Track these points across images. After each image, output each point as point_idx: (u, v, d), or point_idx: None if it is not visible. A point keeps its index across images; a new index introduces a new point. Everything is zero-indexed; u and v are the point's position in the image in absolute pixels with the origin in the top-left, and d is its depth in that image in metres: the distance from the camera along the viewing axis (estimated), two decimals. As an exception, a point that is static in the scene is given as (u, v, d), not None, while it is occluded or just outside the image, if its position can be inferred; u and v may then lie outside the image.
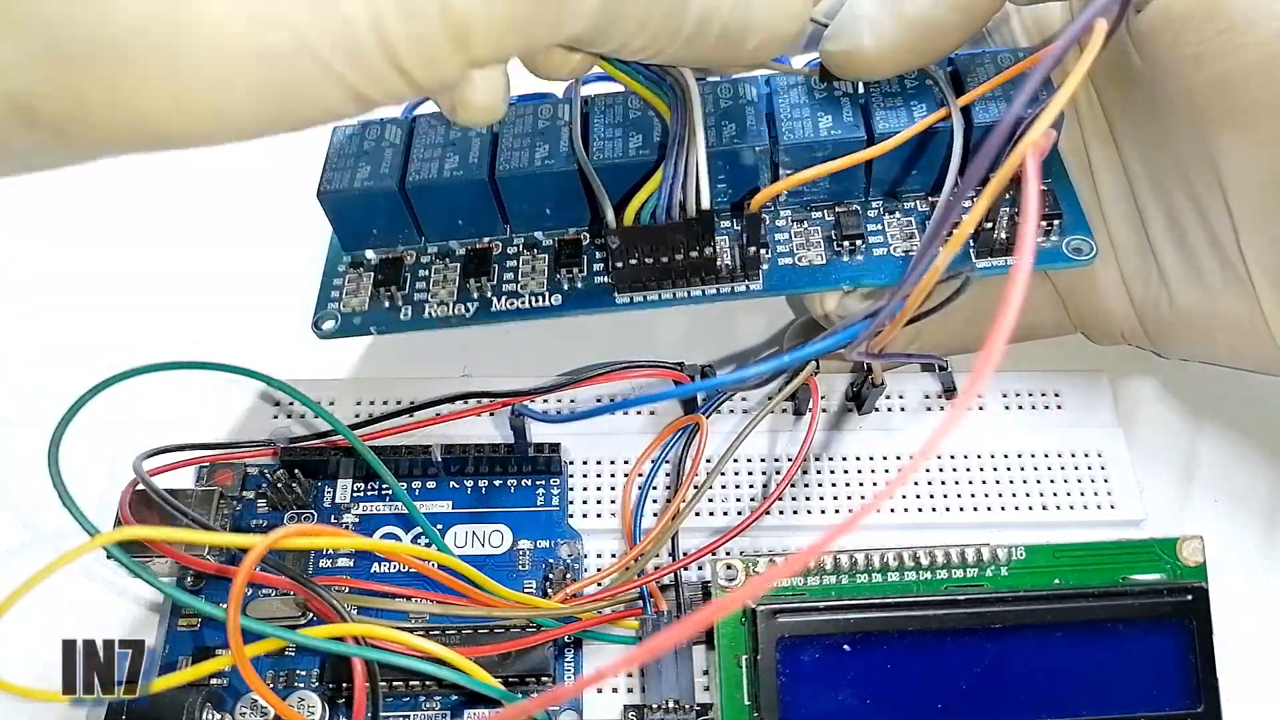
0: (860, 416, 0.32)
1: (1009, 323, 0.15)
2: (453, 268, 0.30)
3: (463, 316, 0.29)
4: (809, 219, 0.30)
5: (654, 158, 0.28)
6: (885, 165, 0.28)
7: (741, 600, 0.15)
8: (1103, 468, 0.31)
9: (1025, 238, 0.16)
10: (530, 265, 0.30)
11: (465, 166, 0.28)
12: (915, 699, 0.26)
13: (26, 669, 0.21)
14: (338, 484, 0.30)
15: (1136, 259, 0.30)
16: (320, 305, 0.30)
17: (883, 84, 0.28)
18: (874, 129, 0.28)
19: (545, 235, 0.30)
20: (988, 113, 0.27)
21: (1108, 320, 0.32)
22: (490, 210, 0.29)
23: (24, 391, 0.34)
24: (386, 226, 0.30)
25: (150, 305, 0.36)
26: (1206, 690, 0.26)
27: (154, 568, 0.28)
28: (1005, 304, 0.15)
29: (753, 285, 0.29)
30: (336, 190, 0.28)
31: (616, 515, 0.30)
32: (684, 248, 0.27)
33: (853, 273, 0.29)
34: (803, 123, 0.28)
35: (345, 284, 0.30)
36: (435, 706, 0.27)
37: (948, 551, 0.27)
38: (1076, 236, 0.29)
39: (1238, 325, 0.28)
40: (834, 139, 0.28)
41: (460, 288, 0.30)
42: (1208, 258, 0.28)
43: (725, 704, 0.26)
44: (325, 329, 0.30)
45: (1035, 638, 0.26)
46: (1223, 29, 0.23)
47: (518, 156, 0.28)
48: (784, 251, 0.29)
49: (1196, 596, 0.26)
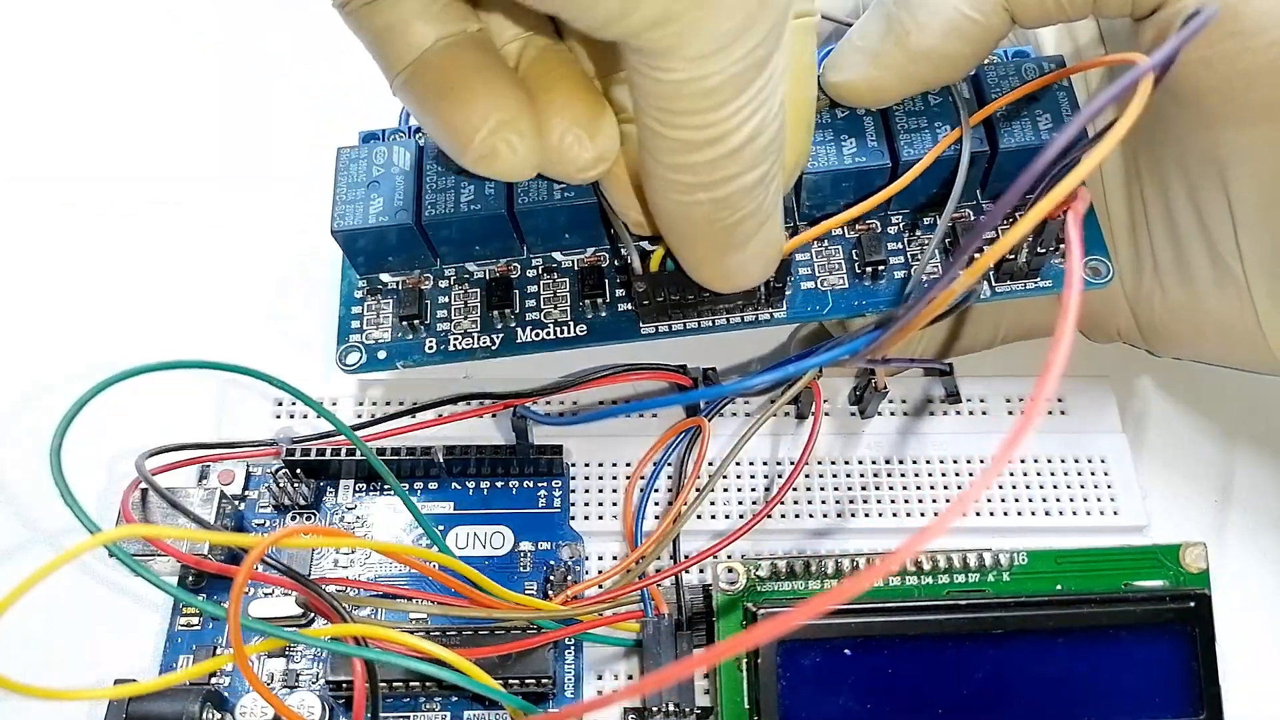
0: (863, 420, 0.32)
1: (1059, 369, 0.15)
2: (473, 294, 0.29)
3: (488, 349, 0.29)
4: (829, 237, 0.29)
5: None
6: (909, 190, 0.28)
7: (810, 615, 0.15)
8: (1106, 473, 0.31)
9: (1069, 307, 0.16)
10: (552, 291, 0.29)
11: (482, 198, 0.28)
12: (916, 704, 0.26)
13: (27, 667, 0.20)
14: (339, 484, 0.30)
15: (1132, 255, 0.31)
16: (342, 337, 0.30)
17: (905, 102, 0.28)
18: (899, 154, 0.27)
19: (564, 255, 0.30)
20: (1012, 137, 0.27)
21: (1103, 317, 0.32)
22: (508, 235, 0.29)
23: (25, 391, 0.34)
24: (403, 255, 0.29)
25: (151, 305, 0.36)
26: (1209, 697, 0.26)
27: (155, 566, 0.28)
28: (1048, 371, 0.15)
29: (776, 314, 0.29)
30: (350, 229, 0.28)
31: (618, 517, 0.30)
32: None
33: (874, 297, 0.29)
34: (826, 150, 0.27)
35: (365, 313, 0.30)
36: (435, 707, 0.27)
37: (950, 556, 0.27)
38: (1094, 258, 0.29)
39: (1228, 322, 0.29)
40: (859, 167, 0.27)
41: (484, 317, 0.29)
42: (1201, 255, 0.28)
43: (725, 707, 0.26)
44: (350, 363, 0.29)
45: (1037, 643, 0.26)
46: (1234, 32, 0.23)
47: (535, 188, 0.28)
48: (805, 275, 0.29)
49: (1199, 603, 0.26)
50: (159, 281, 0.36)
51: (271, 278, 0.36)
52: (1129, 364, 0.34)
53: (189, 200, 0.38)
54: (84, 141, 0.39)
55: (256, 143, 0.39)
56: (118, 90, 0.41)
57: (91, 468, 0.31)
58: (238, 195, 0.38)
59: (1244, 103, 0.25)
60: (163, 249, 0.37)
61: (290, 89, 0.40)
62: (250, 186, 0.38)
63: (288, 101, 0.40)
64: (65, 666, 0.29)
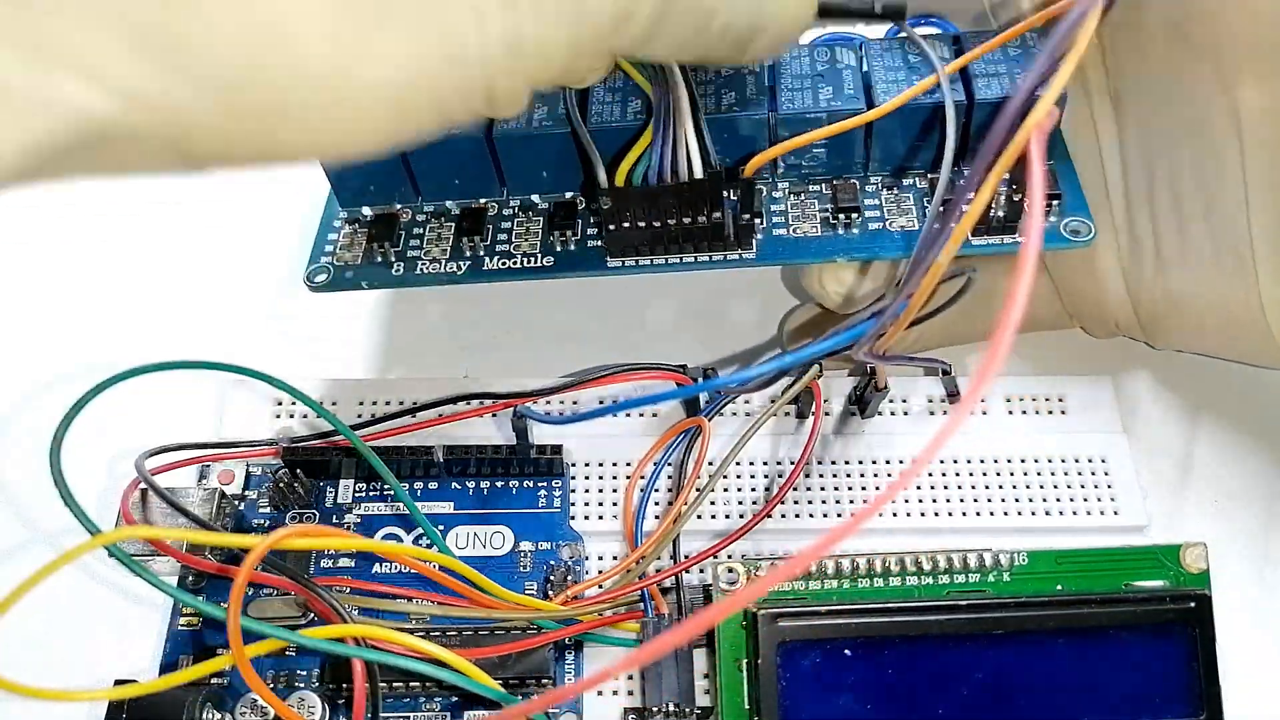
0: (863, 420, 0.32)
1: (1015, 316, 0.15)
2: (448, 226, 0.30)
3: (453, 274, 0.29)
4: (807, 191, 0.29)
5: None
6: (885, 140, 0.28)
7: (742, 603, 0.15)
8: (1106, 473, 0.31)
9: (1033, 232, 0.16)
10: (524, 227, 0.29)
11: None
12: (916, 704, 0.26)
13: (27, 668, 0.21)
14: (339, 484, 0.30)
15: (1132, 242, 0.30)
16: (313, 258, 0.30)
17: (885, 57, 0.28)
18: (875, 100, 0.27)
19: (541, 199, 0.30)
20: (990, 89, 0.27)
21: (1102, 307, 0.32)
22: (487, 171, 0.29)
23: (25, 391, 0.34)
24: (383, 184, 0.29)
25: (151, 305, 0.36)
26: (1209, 698, 0.26)
27: (155, 567, 0.28)
28: (1011, 298, 0.15)
29: (746, 254, 0.28)
30: None
31: (618, 517, 0.30)
32: (677, 212, 0.27)
33: (847, 245, 0.28)
34: (802, 94, 0.28)
35: (340, 239, 0.30)
36: (435, 708, 0.27)
37: (950, 556, 0.27)
38: (1075, 218, 0.28)
39: (1230, 309, 0.28)
40: (832, 109, 0.27)
41: (453, 245, 0.29)
42: (1205, 238, 0.28)
43: (725, 707, 0.26)
44: (318, 281, 0.29)
45: (1037, 644, 0.26)
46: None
47: (515, 117, 0.28)
48: (779, 223, 0.29)
49: (1199, 604, 0.26)
50: (159, 281, 0.36)
51: (271, 278, 0.36)
52: (1129, 363, 0.34)
53: (189, 200, 0.38)
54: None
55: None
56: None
57: (91, 468, 0.31)
58: (238, 195, 0.38)
59: (1259, 48, 0.24)
60: (163, 249, 0.37)
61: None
62: (250, 186, 0.38)
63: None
64: (65, 666, 0.29)
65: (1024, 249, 0.16)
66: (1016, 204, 0.27)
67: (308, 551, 0.29)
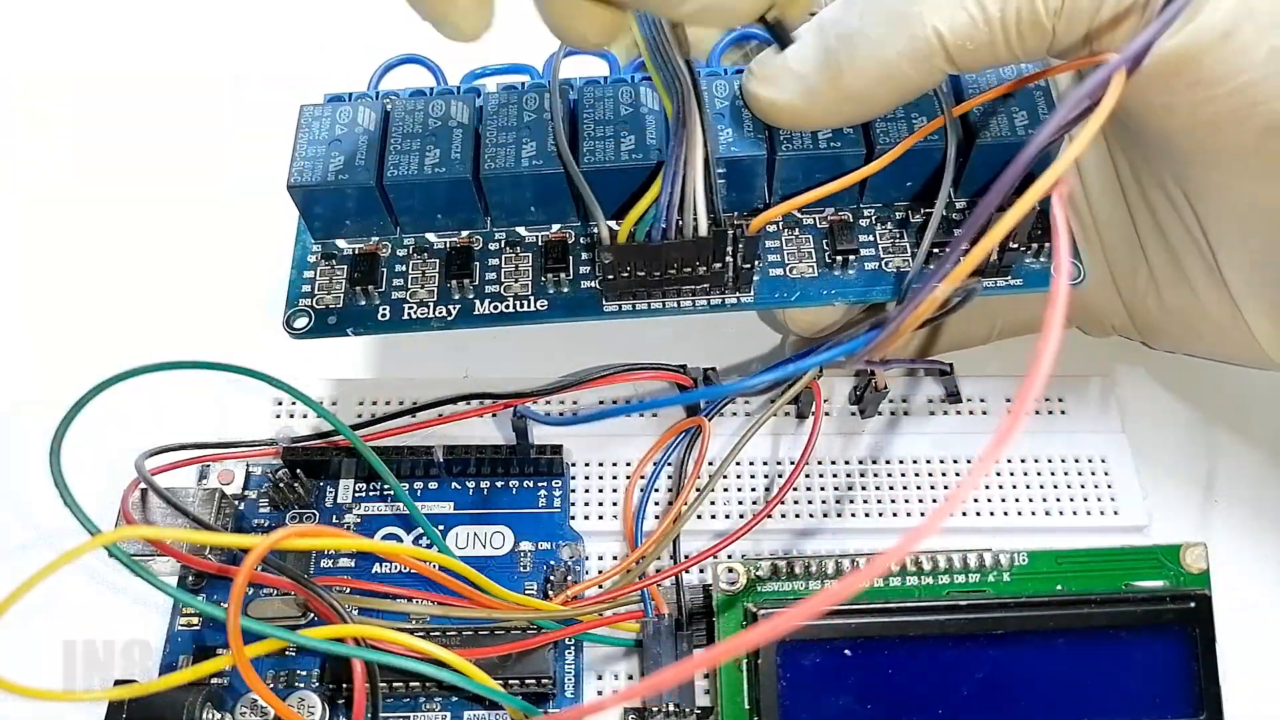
0: (863, 420, 0.32)
1: (1048, 364, 0.15)
2: (431, 264, 0.28)
3: (443, 319, 0.28)
4: (800, 225, 0.29)
5: (648, 161, 0.26)
6: (881, 177, 0.28)
7: (813, 613, 0.15)
8: (1106, 473, 0.31)
9: (1058, 289, 0.16)
10: (514, 265, 0.28)
11: (447, 163, 0.27)
12: (916, 704, 0.26)
13: (27, 668, 0.21)
14: (339, 484, 0.30)
15: (1127, 259, 0.31)
16: (291, 300, 0.28)
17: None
18: (874, 141, 0.27)
19: (529, 230, 0.29)
20: (989, 133, 0.27)
21: (1099, 316, 0.33)
22: (472, 205, 0.28)
23: (25, 391, 0.34)
24: (361, 219, 0.28)
25: (151, 305, 0.36)
26: (1209, 698, 0.26)
27: (155, 567, 0.28)
28: (1038, 361, 0.15)
29: (744, 298, 0.28)
30: (308, 185, 0.26)
31: (618, 517, 0.30)
32: (679, 265, 0.26)
33: (844, 288, 0.28)
34: (801, 134, 0.27)
35: (317, 277, 0.28)
36: (435, 708, 0.27)
37: (950, 556, 0.27)
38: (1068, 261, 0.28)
39: (1223, 324, 0.29)
40: (833, 152, 0.27)
41: (441, 288, 0.28)
42: (1194, 260, 0.29)
43: (725, 707, 0.26)
44: (298, 327, 0.28)
45: (1037, 644, 0.26)
46: (1194, 82, 0.23)
47: (503, 154, 0.27)
48: (775, 261, 0.28)
49: (1199, 603, 0.26)
50: (159, 281, 0.36)
51: (271, 278, 0.36)
52: (1129, 363, 0.34)
53: (189, 200, 0.38)
54: (84, 142, 0.39)
55: (257, 143, 0.39)
56: (118, 90, 0.41)
57: (91, 468, 0.31)
58: (238, 195, 0.38)
59: (1210, 147, 0.25)
60: (163, 249, 0.37)
61: (293, 92, 0.40)
62: (251, 187, 0.38)
63: (290, 104, 0.40)
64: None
65: (1049, 311, 0.16)
66: (1010, 252, 0.27)
67: (308, 552, 0.29)
